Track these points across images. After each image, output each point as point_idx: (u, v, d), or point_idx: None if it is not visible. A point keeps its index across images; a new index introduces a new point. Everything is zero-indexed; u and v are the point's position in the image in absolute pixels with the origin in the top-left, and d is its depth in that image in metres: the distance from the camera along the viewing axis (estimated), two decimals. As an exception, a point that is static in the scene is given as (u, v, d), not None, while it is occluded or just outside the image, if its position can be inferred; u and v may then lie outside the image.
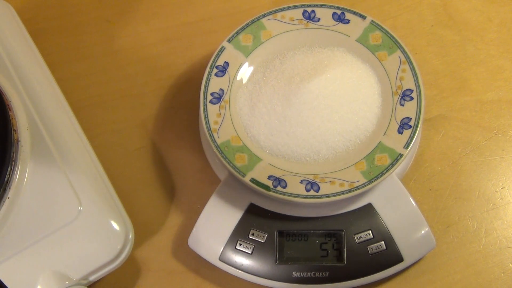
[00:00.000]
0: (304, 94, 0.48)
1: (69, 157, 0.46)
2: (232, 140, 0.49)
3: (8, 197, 0.43)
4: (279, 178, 0.47)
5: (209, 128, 0.49)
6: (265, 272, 0.47)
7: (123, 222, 0.46)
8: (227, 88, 0.51)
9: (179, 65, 0.57)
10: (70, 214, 0.44)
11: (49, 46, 0.57)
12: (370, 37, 0.52)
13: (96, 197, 0.45)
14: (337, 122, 0.48)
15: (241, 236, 0.47)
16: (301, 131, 0.48)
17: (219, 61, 0.51)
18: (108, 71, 0.57)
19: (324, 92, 0.48)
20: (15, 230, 0.43)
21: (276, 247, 0.47)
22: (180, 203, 0.52)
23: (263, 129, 0.49)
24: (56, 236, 0.44)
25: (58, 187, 0.45)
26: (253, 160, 0.48)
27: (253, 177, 0.47)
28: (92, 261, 0.44)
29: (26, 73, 0.49)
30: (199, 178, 0.52)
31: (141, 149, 0.54)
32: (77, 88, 0.56)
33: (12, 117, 0.44)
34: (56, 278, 0.43)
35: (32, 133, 0.46)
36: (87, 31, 0.59)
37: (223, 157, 0.47)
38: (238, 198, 0.48)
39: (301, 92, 0.49)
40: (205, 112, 0.49)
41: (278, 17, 0.53)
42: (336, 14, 0.52)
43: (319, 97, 0.48)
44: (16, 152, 0.43)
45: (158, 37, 0.59)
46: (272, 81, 0.50)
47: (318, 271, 0.47)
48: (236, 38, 0.52)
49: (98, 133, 0.54)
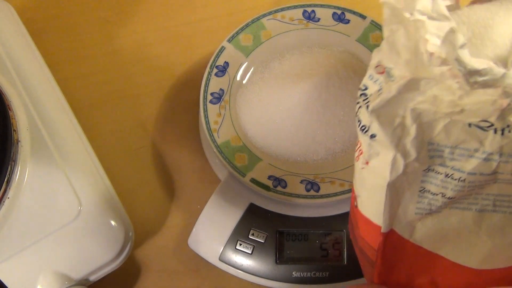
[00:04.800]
0: (304, 94, 0.48)
1: (69, 157, 0.46)
2: (232, 140, 0.49)
3: (8, 197, 0.43)
4: (279, 178, 0.47)
5: (209, 128, 0.49)
6: (265, 272, 0.47)
7: (123, 222, 0.46)
8: (227, 88, 0.51)
9: (179, 65, 0.57)
10: (70, 214, 0.44)
11: (49, 46, 0.57)
12: (370, 37, 0.52)
13: (96, 197, 0.45)
14: (337, 122, 0.48)
15: (241, 236, 0.47)
16: (301, 131, 0.48)
17: (219, 61, 0.51)
18: (108, 71, 0.57)
19: (324, 92, 0.48)
20: (15, 230, 0.43)
21: (276, 247, 0.47)
22: (180, 203, 0.52)
23: (263, 129, 0.49)
24: (56, 236, 0.44)
25: (58, 187, 0.45)
26: (253, 160, 0.48)
27: (253, 177, 0.47)
28: (92, 261, 0.44)
29: (26, 73, 0.49)
30: (199, 178, 0.52)
31: (141, 149, 0.54)
32: (77, 88, 0.56)
33: (12, 117, 0.44)
34: (56, 278, 0.43)
35: (32, 133, 0.46)
36: (87, 31, 0.59)
37: (223, 157, 0.47)
38: (238, 198, 0.48)
39: (301, 92, 0.49)
40: (205, 112, 0.49)
41: (278, 17, 0.53)
42: (336, 14, 0.52)
43: (319, 97, 0.48)
44: (16, 152, 0.43)
45: (158, 37, 0.59)
46: (272, 81, 0.50)
47: (318, 271, 0.47)
48: (236, 38, 0.52)
49: (98, 133, 0.54)
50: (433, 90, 0.32)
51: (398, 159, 0.33)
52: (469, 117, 0.32)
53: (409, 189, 0.34)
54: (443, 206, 0.35)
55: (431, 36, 0.31)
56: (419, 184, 0.34)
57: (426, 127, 0.33)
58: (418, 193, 0.35)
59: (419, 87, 0.32)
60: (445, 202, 0.34)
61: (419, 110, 0.33)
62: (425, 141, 0.33)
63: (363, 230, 0.37)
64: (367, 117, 0.33)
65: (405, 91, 0.32)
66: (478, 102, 0.32)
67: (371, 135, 0.33)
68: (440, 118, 0.33)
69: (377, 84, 0.34)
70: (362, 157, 0.35)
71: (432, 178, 0.34)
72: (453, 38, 0.31)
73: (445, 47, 0.31)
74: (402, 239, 0.36)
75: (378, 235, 0.35)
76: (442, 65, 0.31)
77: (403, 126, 0.33)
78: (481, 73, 0.31)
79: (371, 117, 0.33)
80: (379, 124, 0.33)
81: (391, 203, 0.34)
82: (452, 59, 0.30)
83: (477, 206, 0.35)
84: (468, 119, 0.32)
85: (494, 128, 0.32)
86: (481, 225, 0.35)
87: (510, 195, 0.35)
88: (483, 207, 0.35)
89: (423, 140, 0.33)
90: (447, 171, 0.34)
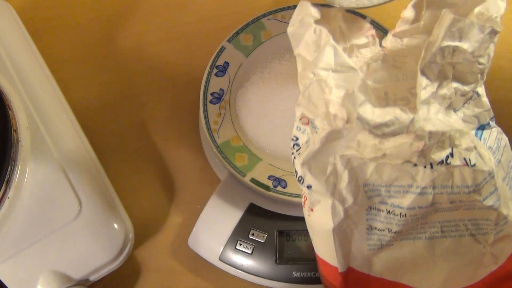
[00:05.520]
0: (304, 94, 0.48)
1: (69, 157, 0.46)
2: (232, 140, 0.49)
3: (8, 197, 0.43)
4: (279, 178, 0.47)
5: (209, 128, 0.49)
6: (265, 272, 0.47)
7: (123, 222, 0.46)
8: (227, 88, 0.51)
9: (179, 65, 0.57)
10: (70, 214, 0.44)
11: (49, 46, 0.57)
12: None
13: (96, 197, 0.45)
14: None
15: (241, 236, 0.47)
16: (301, 131, 0.48)
17: (219, 61, 0.51)
18: (108, 71, 0.57)
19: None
20: (15, 230, 0.43)
21: (276, 247, 0.47)
22: (180, 203, 0.52)
23: (263, 129, 0.49)
24: (56, 236, 0.44)
25: (58, 187, 0.45)
26: (253, 160, 0.48)
27: (253, 177, 0.47)
28: (92, 261, 0.44)
29: (26, 73, 0.49)
30: (199, 178, 0.52)
31: (141, 149, 0.54)
32: (77, 88, 0.56)
33: (12, 117, 0.44)
34: (56, 278, 0.43)
35: (32, 133, 0.46)
36: (87, 31, 0.59)
37: (223, 157, 0.47)
38: (238, 198, 0.48)
39: (301, 92, 0.49)
40: (205, 112, 0.49)
41: (278, 17, 0.53)
42: (336, 14, 0.52)
43: (319, 97, 0.48)
44: (16, 152, 0.43)
45: (158, 37, 0.59)
46: (272, 81, 0.50)
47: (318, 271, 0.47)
48: (236, 38, 0.52)
49: (98, 133, 0.53)
50: (357, 136, 0.33)
51: (336, 206, 0.34)
52: (392, 160, 0.33)
53: (356, 229, 0.35)
54: (393, 239, 0.35)
55: (335, 93, 0.32)
56: (364, 223, 0.35)
57: (358, 171, 0.34)
58: (366, 231, 0.35)
59: (342, 135, 0.33)
60: (394, 236, 0.35)
61: (347, 156, 0.33)
62: (360, 184, 0.34)
63: (324, 271, 0.38)
64: (300, 168, 0.34)
65: (329, 141, 0.33)
66: (397, 145, 0.33)
67: (307, 186, 0.34)
68: (369, 161, 0.34)
69: (305, 134, 0.35)
70: (307, 204, 0.36)
71: (375, 215, 0.35)
72: (352, 98, 0.32)
73: (345, 108, 0.32)
74: (362, 274, 0.36)
75: (337, 275, 0.36)
76: (346, 124, 0.32)
77: (336, 173, 0.34)
78: (387, 124, 0.32)
79: (304, 169, 0.34)
80: (312, 176, 0.34)
81: (341, 244, 0.35)
82: (354, 118, 0.31)
83: (426, 235, 0.36)
84: (392, 161, 0.33)
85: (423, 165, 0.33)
86: (434, 251, 0.36)
87: (455, 220, 0.35)
88: (432, 234, 0.36)
89: (357, 183, 0.34)
90: (388, 208, 0.35)
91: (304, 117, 0.35)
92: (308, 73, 0.34)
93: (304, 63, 0.35)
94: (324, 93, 0.33)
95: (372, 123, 0.32)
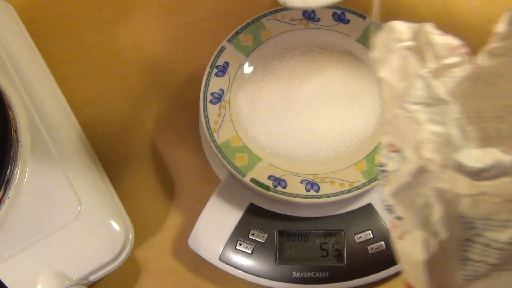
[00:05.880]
0: (304, 94, 0.48)
1: (69, 157, 0.46)
2: (232, 140, 0.49)
3: (8, 197, 0.43)
4: (279, 178, 0.47)
5: (209, 128, 0.49)
6: (265, 272, 0.47)
7: (123, 222, 0.46)
8: (227, 88, 0.51)
9: (179, 65, 0.57)
10: (70, 214, 0.44)
11: (49, 46, 0.57)
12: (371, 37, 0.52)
13: (96, 197, 0.45)
14: (337, 122, 0.48)
15: (241, 236, 0.47)
16: (301, 131, 0.48)
17: (219, 61, 0.51)
18: (108, 71, 0.57)
19: (324, 93, 0.48)
20: (15, 230, 0.43)
21: (276, 247, 0.47)
22: (180, 203, 0.52)
23: (263, 129, 0.49)
24: (56, 236, 0.44)
25: (58, 187, 0.45)
26: (253, 160, 0.48)
27: (253, 177, 0.47)
28: (92, 261, 0.44)
29: (26, 73, 0.49)
30: (199, 178, 0.52)
31: (141, 149, 0.54)
32: (77, 88, 0.56)
33: (12, 117, 0.44)
34: (56, 278, 0.43)
35: (32, 133, 0.46)
36: (87, 31, 0.59)
37: (223, 157, 0.47)
38: (238, 198, 0.48)
39: (301, 92, 0.49)
40: (205, 112, 0.49)
41: (278, 17, 0.53)
42: (336, 14, 0.52)
43: (319, 97, 0.48)
44: (16, 152, 0.43)
45: (158, 37, 0.59)
46: (272, 81, 0.50)
47: (318, 271, 0.47)
48: (236, 38, 0.52)
49: (98, 133, 0.54)
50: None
51: (430, 240, 0.32)
52: (491, 198, 0.31)
53: (450, 260, 0.33)
54: (491, 270, 0.33)
55: (428, 129, 0.30)
56: (459, 254, 0.33)
57: (453, 204, 0.31)
58: (461, 262, 0.33)
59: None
60: (491, 268, 0.33)
61: (441, 189, 0.31)
62: (454, 216, 0.32)
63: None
64: (390, 199, 0.32)
65: (419, 174, 0.31)
66: (497, 184, 0.31)
67: (397, 217, 0.32)
68: (465, 196, 0.31)
69: (394, 161, 0.33)
70: (396, 232, 0.34)
71: (471, 247, 0.33)
72: (449, 144, 0.29)
73: (441, 154, 0.30)
74: None
75: None
76: (443, 170, 0.30)
77: (429, 206, 0.31)
78: (487, 169, 0.29)
79: (394, 200, 0.32)
80: (403, 207, 0.32)
81: (433, 276, 0.33)
82: (451, 165, 0.29)
83: None
84: (492, 199, 0.31)
85: None
86: None
87: None
88: None
89: (451, 216, 0.32)
90: (485, 241, 0.33)
91: (392, 145, 0.33)
92: (395, 107, 0.31)
93: (389, 91, 0.32)
94: (415, 132, 0.31)
95: (469, 170, 0.29)
